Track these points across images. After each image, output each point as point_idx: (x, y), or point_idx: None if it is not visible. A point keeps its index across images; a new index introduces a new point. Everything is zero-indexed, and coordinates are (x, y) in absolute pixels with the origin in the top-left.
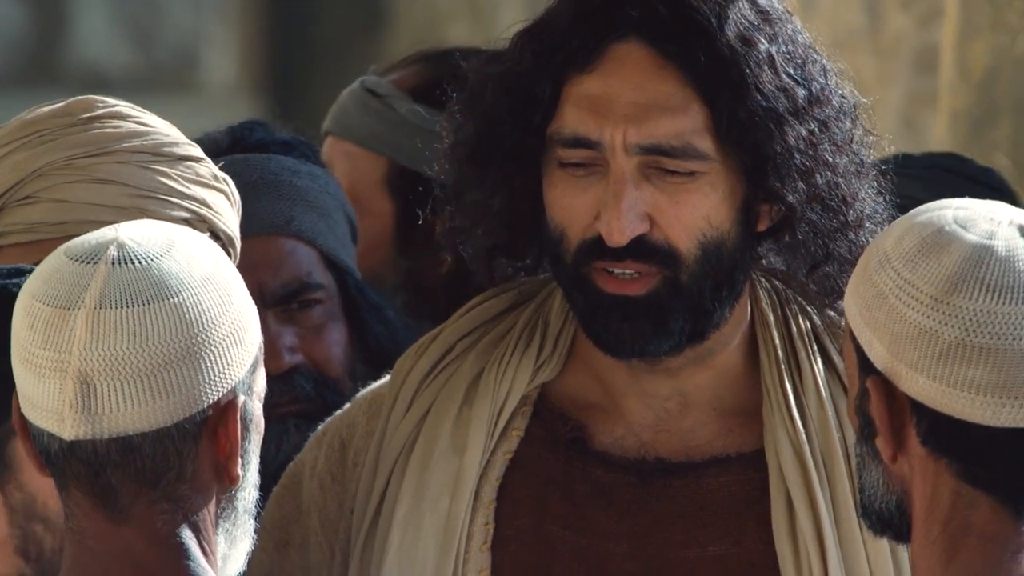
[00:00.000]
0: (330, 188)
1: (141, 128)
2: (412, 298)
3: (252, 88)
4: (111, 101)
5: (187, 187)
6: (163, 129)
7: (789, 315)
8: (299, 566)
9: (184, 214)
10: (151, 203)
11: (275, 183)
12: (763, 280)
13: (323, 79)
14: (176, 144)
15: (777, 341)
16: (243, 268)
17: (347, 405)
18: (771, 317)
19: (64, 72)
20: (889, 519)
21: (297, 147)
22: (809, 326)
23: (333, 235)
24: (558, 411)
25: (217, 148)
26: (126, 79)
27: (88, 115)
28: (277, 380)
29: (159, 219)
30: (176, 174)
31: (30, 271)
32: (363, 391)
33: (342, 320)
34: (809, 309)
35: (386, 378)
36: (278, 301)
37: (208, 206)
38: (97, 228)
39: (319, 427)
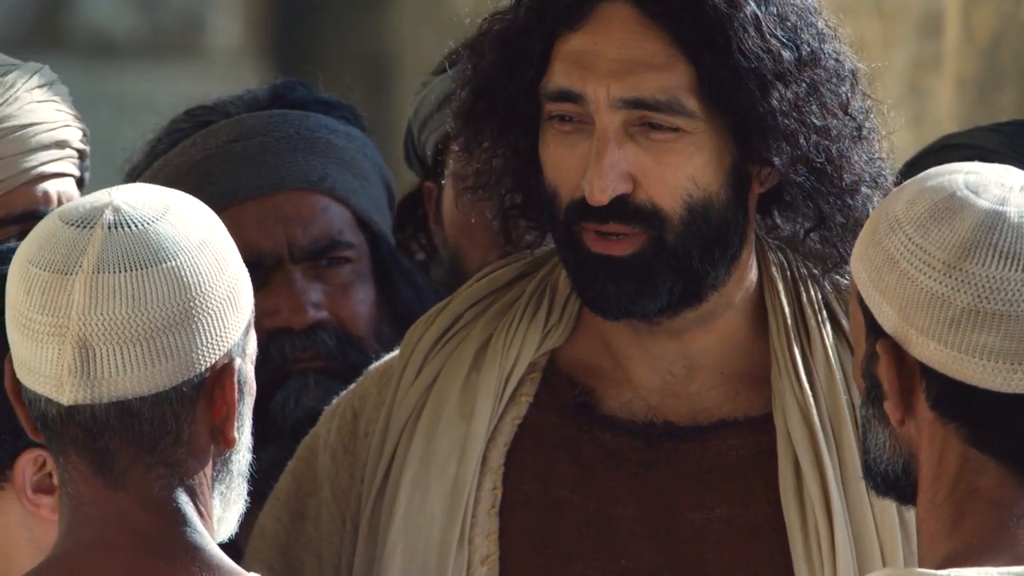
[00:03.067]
0: (367, 151)
1: (13, 66)
2: None
3: (257, 53)
4: None
5: (70, 107)
6: (16, 60)
7: (799, 281)
8: (313, 538)
9: (82, 136)
10: (63, 132)
11: (311, 140)
12: (773, 246)
13: (328, 45)
14: (42, 68)
15: (786, 307)
16: (274, 222)
17: (360, 377)
18: (780, 283)
19: (69, 37)
20: (895, 481)
21: (338, 108)
22: (819, 292)
23: (367, 196)
24: (566, 376)
25: (258, 104)
26: (131, 44)
27: None
28: (300, 335)
29: (73, 148)
30: (59, 96)
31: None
32: (375, 363)
33: (371, 281)
34: (817, 275)
35: (398, 350)
36: (306, 257)
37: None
38: (28, 177)
39: (334, 400)
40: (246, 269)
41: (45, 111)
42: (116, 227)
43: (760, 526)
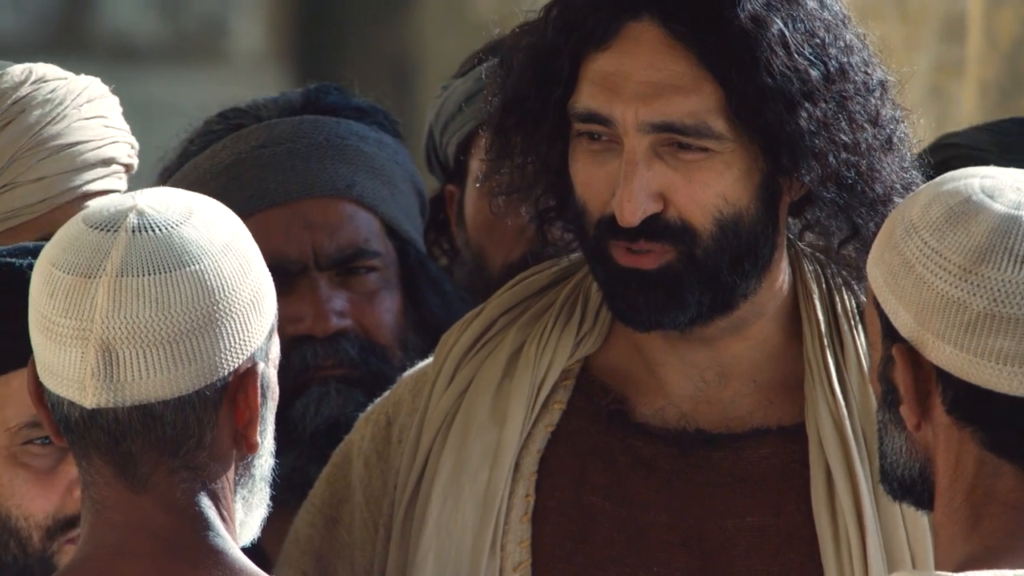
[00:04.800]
0: (399, 158)
1: (64, 81)
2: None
3: (280, 58)
4: (5, 65)
5: (120, 120)
6: (68, 73)
7: (834, 289)
8: (347, 544)
9: (130, 150)
10: (110, 149)
11: (341, 147)
12: (808, 253)
13: (352, 49)
14: (92, 82)
15: (820, 315)
16: (300, 229)
17: (395, 384)
18: (816, 291)
19: (92, 41)
20: (911, 486)
21: (371, 114)
22: (853, 301)
23: (396, 204)
24: (600, 383)
25: (291, 108)
26: (154, 48)
27: (16, 84)
28: (323, 343)
29: (119, 164)
30: (108, 111)
31: (33, 249)
32: (410, 370)
33: (397, 289)
34: (853, 284)
35: (432, 357)
36: (332, 264)
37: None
38: (74, 195)
39: (369, 406)
40: (270, 273)
41: (93, 128)
42: (140, 231)
43: (791, 535)
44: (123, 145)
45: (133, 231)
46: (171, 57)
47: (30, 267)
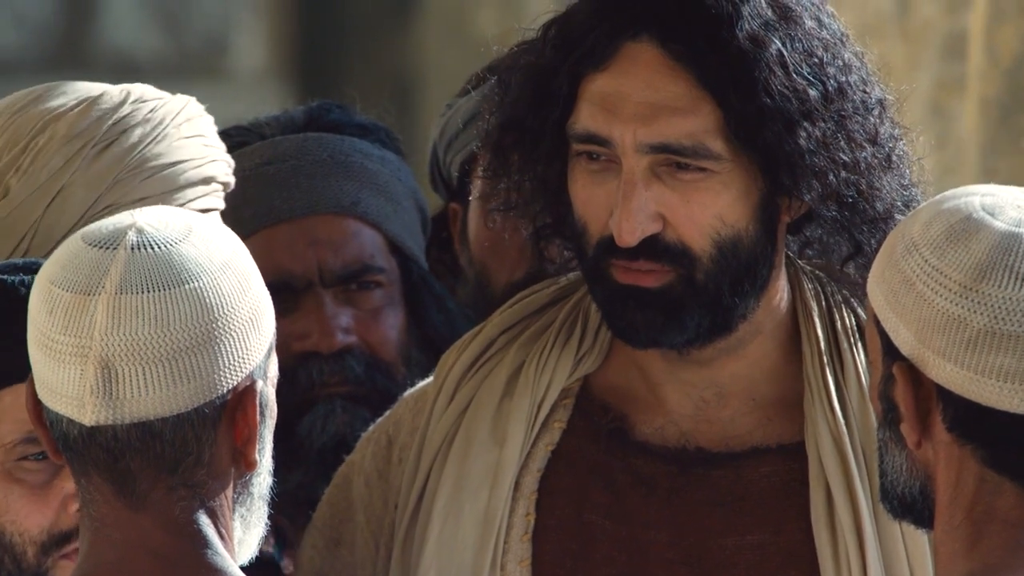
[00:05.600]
0: (401, 175)
1: (161, 101)
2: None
3: (281, 74)
4: (103, 86)
5: (216, 139)
6: (164, 93)
7: (833, 307)
8: (348, 564)
9: (227, 168)
10: (209, 168)
11: (345, 164)
12: (808, 271)
13: (353, 65)
14: (189, 101)
15: (820, 333)
16: (305, 245)
17: (396, 404)
18: (815, 309)
19: (93, 58)
20: (911, 504)
21: (374, 131)
22: (853, 318)
23: (400, 221)
24: (600, 402)
25: (293, 125)
26: (155, 65)
27: (115, 105)
28: (328, 360)
29: (219, 182)
30: (206, 130)
31: (23, 266)
32: (410, 390)
33: (401, 305)
34: (853, 302)
35: (432, 376)
36: (337, 281)
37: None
38: None
39: (370, 426)
40: (268, 292)
41: (192, 147)
42: (139, 248)
43: (792, 553)
44: (221, 163)
45: (132, 248)
46: (172, 74)
47: (21, 283)
